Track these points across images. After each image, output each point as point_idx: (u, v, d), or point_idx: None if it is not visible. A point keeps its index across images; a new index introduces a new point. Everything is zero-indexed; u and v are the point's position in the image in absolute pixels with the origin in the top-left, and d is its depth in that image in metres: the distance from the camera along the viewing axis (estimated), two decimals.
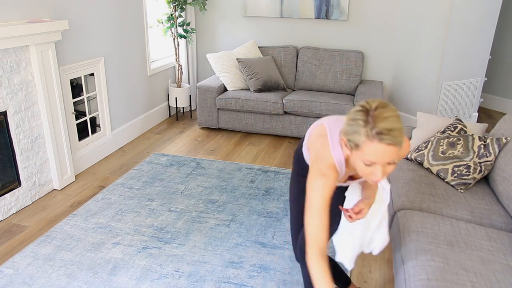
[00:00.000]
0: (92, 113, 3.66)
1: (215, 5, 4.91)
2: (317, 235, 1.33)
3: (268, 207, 2.95)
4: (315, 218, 1.34)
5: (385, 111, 1.22)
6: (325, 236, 1.33)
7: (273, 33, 4.83)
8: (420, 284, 1.58)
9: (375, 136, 1.20)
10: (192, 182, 3.31)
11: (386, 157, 1.22)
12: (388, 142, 1.20)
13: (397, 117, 1.23)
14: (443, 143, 2.50)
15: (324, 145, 1.43)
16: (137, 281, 2.21)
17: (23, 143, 2.86)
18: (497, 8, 4.06)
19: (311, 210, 1.35)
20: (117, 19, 3.78)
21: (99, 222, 2.74)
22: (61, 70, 3.15)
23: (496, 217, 2.09)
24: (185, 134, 4.44)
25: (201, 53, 5.19)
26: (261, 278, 2.24)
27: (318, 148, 1.44)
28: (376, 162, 1.23)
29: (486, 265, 1.65)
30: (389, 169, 1.27)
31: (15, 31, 2.54)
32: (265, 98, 4.16)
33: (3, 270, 2.27)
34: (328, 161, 1.40)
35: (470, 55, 4.15)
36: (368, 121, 1.22)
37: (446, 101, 4.25)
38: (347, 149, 1.31)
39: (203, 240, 2.57)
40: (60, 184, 3.18)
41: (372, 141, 1.21)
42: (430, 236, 1.84)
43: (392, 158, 1.23)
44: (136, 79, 4.23)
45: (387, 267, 2.37)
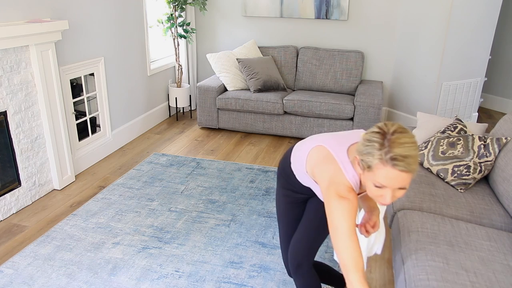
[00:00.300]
0: (92, 113, 3.66)
1: (215, 5, 4.91)
2: (357, 259, 1.26)
3: (268, 207, 2.94)
4: (348, 243, 1.28)
5: (403, 137, 1.20)
6: (361, 256, 1.29)
7: (273, 33, 4.83)
8: (420, 284, 1.58)
9: (389, 161, 1.18)
10: (192, 182, 3.31)
11: (398, 182, 1.20)
12: (401, 168, 1.18)
13: (414, 144, 1.21)
14: (443, 143, 2.50)
15: (336, 170, 1.39)
16: (137, 281, 2.21)
17: (23, 143, 2.86)
18: (497, 8, 4.07)
19: (341, 236, 1.29)
20: (117, 19, 3.79)
21: (99, 222, 2.74)
22: (61, 70, 3.15)
23: (496, 217, 2.09)
24: (185, 134, 4.44)
25: (201, 53, 5.19)
26: (261, 278, 2.24)
27: (330, 172, 1.39)
28: (387, 186, 1.22)
29: (486, 265, 1.65)
30: (399, 193, 1.26)
31: (15, 31, 2.54)
32: (265, 98, 4.16)
33: (3, 270, 2.27)
34: (345, 184, 1.36)
35: (470, 55, 4.15)
36: (384, 144, 1.20)
37: (446, 101, 4.25)
38: (359, 168, 1.29)
39: (203, 240, 2.57)
40: (60, 184, 3.18)
41: (385, 165, 1.19)
42: (430, 236, 1.84)
43: (403, 184, 1.21)
44: (136, 79, 4.23)
45: (387, 267, 2.37)
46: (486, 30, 4.11)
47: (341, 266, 1.29)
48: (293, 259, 1.74)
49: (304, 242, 1.70)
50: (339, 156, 1.41)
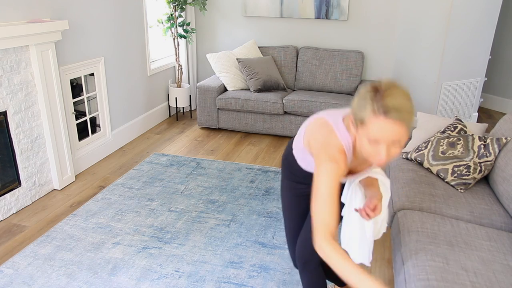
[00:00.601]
0: (92, 113, 3.66)
1: (215, 5, 4.91)
2: (328, 220, 1.24)
3: (268, 207, 2.95)
4: (324, 205, 1.26)
5: (396, 90, 1.19)
6: (335, 221, 1.26)
7: (273, 33, 4.83)
8: (420, 284, 1.58)
9: (381, 112, 1.16)
10: (192, 182, 3.31)
11: (391, 135, 1.17)
12: (394, 118, 1.16)
13: (408, 96, 1.19)
14: (443, 143, 2.50)
15: (330, 132, 1.38)
16: (137, 281, 2.21)
17: (23, 143, 2.86)
18: (497, 8, 4.06)
19: (320, 197, 1.27)
20: (117, 19, 3.79)
21: (99, 222, 2.74)
22: (61, 70, 3.15)
23: (496, 217, 2.09)
24: (185, 134, 4.44)
25: (201, 53, 5.19)
26: (261, 278, 2.24)
27: (323, 136, 1.39)
28: (381, 140, 1.19)
29: (486, 265, 1.65)
30: (394, 151, 1.22)
31: (15, 31, 2.54)
32: (265, 98, 4.16)
33: (3, 270, 2.27)
34: (336, 145, 1.35)
35: (470, 55, 4.15)
36: (377, 97, 1.18)
37: (446, 101, 4.25)
38: (354, 129, 1.27)
39: (203, 240, 2.57)
40: (60, 184, 3.18)
41: (378, 116, 1.17)
42: (430, 236, 1.84)
43: (397, 138, 1.18)
44: (136, 79, 4.23)
45: (387, 267, 2.37)
46: (486, 30, 4.11)
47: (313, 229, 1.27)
48: (301, 257, 1.73)
49: (311, 241, 1.69)
50: (333, 120, 1.41)
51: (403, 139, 1.20)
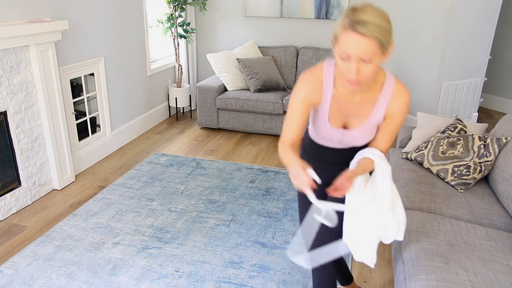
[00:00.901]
0: (92, 113, 3.66)
1: (215, 5, 4.91)
2: (284, 132, 1.50)
3: (268, 207, 2.95)
4: (285, 122, 1.50)
5: (371, 8, 1.22)
6: (292, 133, 1.49)
7: (273, 33, 4.83)
8: (420, 284, 1.58)
9: (350, 25, 1.20)
10: (192, 182, 3.31)
11: (358, 49, 1.19)
12: (360, 31, 1.18)
13: (381, 14, 1.21)
14: (443, 143, 2.50)
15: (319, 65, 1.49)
16: (137, 281, 2.21)
17: (23, 143, 2.86)
18: (497, 8, 4.07)
19: (286, 116, 1.51)
20: (117, 19, 3.79)
21: (99, 222, 2.74)
22: (61, 70, 3.15)
23: (496, 217, 2.09)
24: (185, 134, 4.44)
25: (201, 53, 5.19)
26: (261, 278, 2.24)
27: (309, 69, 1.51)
28: (350, 55, 1.22)
29: (486, 265, 1.65)
30: (365, 69, 1.24)
31: (15, 31, 2.54)
32: (265, 98, 4.16)
33: (3, 270, 2.27)
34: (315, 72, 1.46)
35: (470, 55, 4.15)
36: (350, 13, 1.22)
37: (446, 101, 4.25)
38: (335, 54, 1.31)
39: (203, 240, 2.57)
40: (60, 184, 3.18)
41: (347, 30, 1.21)
42: (430, 236, 1.84)
43: (365, 53, 1.20)
44: (136, 79, 4.23)
45: (387, 267, 2.37)
46: (486, 30, 4.11)
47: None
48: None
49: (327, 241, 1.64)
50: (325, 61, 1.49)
51: (373, 56, 1.21)
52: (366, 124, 1.50)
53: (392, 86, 1.43)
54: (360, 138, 1.55)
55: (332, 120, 1.52)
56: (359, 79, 1.26)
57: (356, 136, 1.54)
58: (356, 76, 1.25)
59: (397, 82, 1.44)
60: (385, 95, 1.44)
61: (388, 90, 1.43)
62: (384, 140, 1.53)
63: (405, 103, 1.45)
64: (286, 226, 2.72)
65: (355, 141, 1.57)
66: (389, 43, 1.24)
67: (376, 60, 1.24)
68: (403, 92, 1.44)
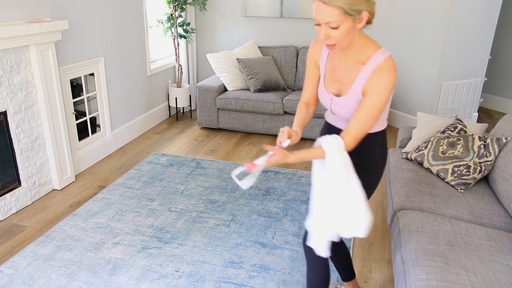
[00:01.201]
0: (92, 113, 3.66)
1: (215, 5, 4.91)
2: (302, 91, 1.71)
3: (268, 207, 2.95)
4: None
5: None
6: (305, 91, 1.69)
7: (273, 33, 4.83)
8: (420, 284, 1.58)
9: None
10: (192, 182, 3.31)
11: (322, 15, 1.31)
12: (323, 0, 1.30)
13: None
14: (443, 143, 2.50)
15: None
16: (137, 281, 2.21)
17: (23, 143, 2.86)
18: (497, 8, 4.06)
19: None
20: (117, 19, 3.79)
21: (99, 222, 2.74)
22: (61, 70, 3.15)
23: (496, 217, 2.09)
24: (185, 134, 4.44)
25: (201, 53, 5.19)
26: (261, 278, 2.24)
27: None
28: (318, 21, 1.34)
29: (486, 265, 1.65)
30: (334, 34, 1.34)
31: (15, 31, 2.54)
32: (265, 98, 4.16)
33: (3, 270, 2.27)
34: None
35: (470, 55, 4.15)
36: None
37: (446, 101, 4.25)
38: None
39: (203, 240, 2.57)
40: (60, 184, 3.18)
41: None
42: (430, 236, 1.84)
43: (329, 20, 1.31)
44: (136, 79, 4.23)
45: (387, 267, 2.37)
46: (486, 30, 4.11)
47: None
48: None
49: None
50: None
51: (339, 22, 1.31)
52: (349, 94, 1.49)
53: (378, 62, 1.41)
54: (345, 110, 1.53)
55: (327, 82, 1.57)
56: (331, 42, 1.38)
57: (342, 106, 1.53)
58: (326, 40, 1.37)
59: (385, 60, 1.40)
60: (367, 69, 1.43)
61: (371, 65, 1.42)
62: (355, 120, 1.43)
63: (383, 82, 1.38)
64: (286, 226, 2.72)
65: (342, 113, 1.55)
66: (357, 11, 1.31)
67: (345, 27, 1.33)
68: (386, 71, 1.38)
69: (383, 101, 1.40)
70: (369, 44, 1.45)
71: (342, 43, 1.38)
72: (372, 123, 1.43)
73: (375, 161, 1.65)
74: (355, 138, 1.44)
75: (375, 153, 1.63)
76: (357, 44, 1.44)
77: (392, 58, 1.42)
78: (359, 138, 1.45)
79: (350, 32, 1.36)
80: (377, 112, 1.41)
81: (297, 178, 3.40)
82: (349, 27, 1.33)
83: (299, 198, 3.09)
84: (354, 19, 1.32)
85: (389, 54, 1.43)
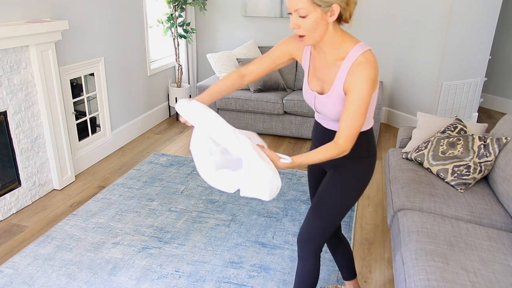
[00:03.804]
0: (92, 113, 3.66)
1: (215, 5, 4.91)
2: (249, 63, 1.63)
3: (268, 207, 2.95)
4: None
5: None
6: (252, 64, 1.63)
7: (273, 33, 4.83)
8: (420, 284, 1.58)
9: None
10: (192, 182, 3.31)
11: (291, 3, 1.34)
12: None
13: None
14: (443, 143, 2.50)
15: None
16: (137, 281, 2.21)
17: (23, 143, 2.86)
18: (497, 8, 4.07)
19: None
20: (117, 19, 3.78)
21: (99, 222, 2.74)
22: (61, 70, 3.15)
23: (496, 217, 2.09)
24: (185, 134, 4.44)
25: (201, 53, 5.19)
26: (261, 278, 2.24)
27: None
28: (289, 8, 1.36)
29: (486, 265, 1.65)
30: (303, 23, 1.35)
31: (15, 31, 2.54)
32: (265, 98, 4.16)
33: (3, 270, 2.27)
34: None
35: (470, 55, 4.15)
36: None
37: (446, 101, 4.25)
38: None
39: (203, 240, 2.57)
40: (60, 184, 3.18)
41: None
42: (430, 236, 1.84)
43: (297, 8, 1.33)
44: (136, 79, 4.23)
45: (387, 267, 2.37)
46: (486, 30, 4.11)
47: None
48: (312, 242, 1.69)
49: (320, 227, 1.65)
50: None
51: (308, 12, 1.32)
52: (331, 92, 1.47)
53: (355, 57, 1.39)
54: (328, 108, 1.51)
55: (310, 81, 1.57)
56: (300, 33, 1.38)
57: (325, 104, 1.51)
58: (295, 28, 1.38)
59: (363, 54, 1.38)
60: (346, 65, 1.40)
61: (349, 60, 1.40)
62: (343, 121, 1.40)
63: (362, 76, 1.35)
64: (286, 226, 2.72)
65: (326, 112, 1.53)
66: (326, 2, 1.32)
67: (313, 17, 1.33)
68: (364, 64, 1.36)
69: (366, 95, 1.37)
70: (346, 40, 1.43)
71: (311, 35, 1.37)
72: (361, 119, 1.40)
73: (360, 162, 1.61)
74: (348, 138, 1.41)
75: (359, 154, 1.58)
76: (334, 40, 1.43)
77: (371, 52, 1.40)
78: (352, 137, 1.42)
79: (319, 24, 1.35)
80: (362, 108, 1.39)
81: (297, 178, 3.41)
82: (318, 18, 1.33)
83: (299, 198, 3.09)
84: (324, 10, 1.32)
85: (367, 48, 1.41)
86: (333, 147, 1.42)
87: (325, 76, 1.50)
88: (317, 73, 1.53)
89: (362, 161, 1.61)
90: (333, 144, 1.42)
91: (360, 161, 1.61)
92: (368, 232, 2.71)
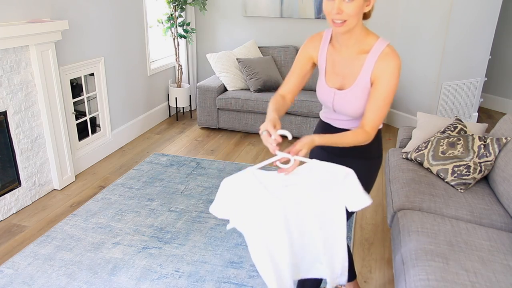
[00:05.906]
0: (92, 113, 3.66)
1: (215, 5, 4.91)
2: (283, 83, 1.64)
3: None
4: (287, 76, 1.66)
5: None
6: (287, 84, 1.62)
7: (273, 33, 4.83)
8: (420, 284, 1.58)
9: None
10: (192, 182, 3.31)
11: None
12: None
13: None
14: (443, 143, 2.50)
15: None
16: (137, 281, 2.21)
17: (23, 143, 2.86)
18: (497, 8, 4.07)
19: None
20: (117, 19, 3.78)
21: (99, 222, 2.74)
22: (61, 70, 3.15)
23: (496, 217, 2.09)
24: (185, 134, 4.44)
25: (201, 53, 5.19)
26: (261, 278, 2.24)
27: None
28: None
29: (486, 265, 1.65)
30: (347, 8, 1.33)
31: (15, 31, 2.54)
32: (265, 98, 4.16)
33: (3, 270, 2.27)
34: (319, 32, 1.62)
35: (470, 55, 4.15)
36: None
37: (446, 101, 4.25)
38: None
39: (203, 240, 2.57)
40: (60, 184, 3.18)
41: None
42: (430, 236, 1.84)
43: None
44: (136, 79, 4.22)
45: (387, 267, 2.37)
46: (486, 30, 4.11)
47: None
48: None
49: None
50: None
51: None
52: (355, 85, 1.47)
53: (381, 48, 1.43)
54: (349, 104, 1.50)
55: (328, 78, 1.55)
56: (342, 18, 1.35)
57: (346, 100, 1.51)
58: (338, 14, 1.34)
59: (388, 46, 1.43)
60: (372, 56, 1.43)
61: (376, 52, 1.43)
62: (370, 111, 1.43)
63: (391, 66, 1.40)
64: None
65: (346, 108, 1.52)
66: None
67: (358, 2, 1.33)
68: (391, 55, 1.41)
69: (394, 84, 1.41)
70: (369, 34, 1.47)
71: (352, 20, 1.36)
72: (386, 109, 1.43)
73: (372, 163, 1.63)
74: (374, 126, 1.44)
75: (372, 155, 1.61)
76: (360, 32, 1.45)
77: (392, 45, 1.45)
78: (377, 126, 1.45)
79: (360, 11, 1.36)
80: (390, 97, 1.42)
81: None
82: (361, 4, 1.34)
83: None
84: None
85: (388, 41, 1.46)
86: (362, 133, 1.42)
87: (346, 70, 1.50)
88: (336, 69, 1.53)
89: (375, 161, 1.63)
90: (361, 130, 1.42)
91: (373, 162, 1.62)
92: (368, 232, 2.71)
